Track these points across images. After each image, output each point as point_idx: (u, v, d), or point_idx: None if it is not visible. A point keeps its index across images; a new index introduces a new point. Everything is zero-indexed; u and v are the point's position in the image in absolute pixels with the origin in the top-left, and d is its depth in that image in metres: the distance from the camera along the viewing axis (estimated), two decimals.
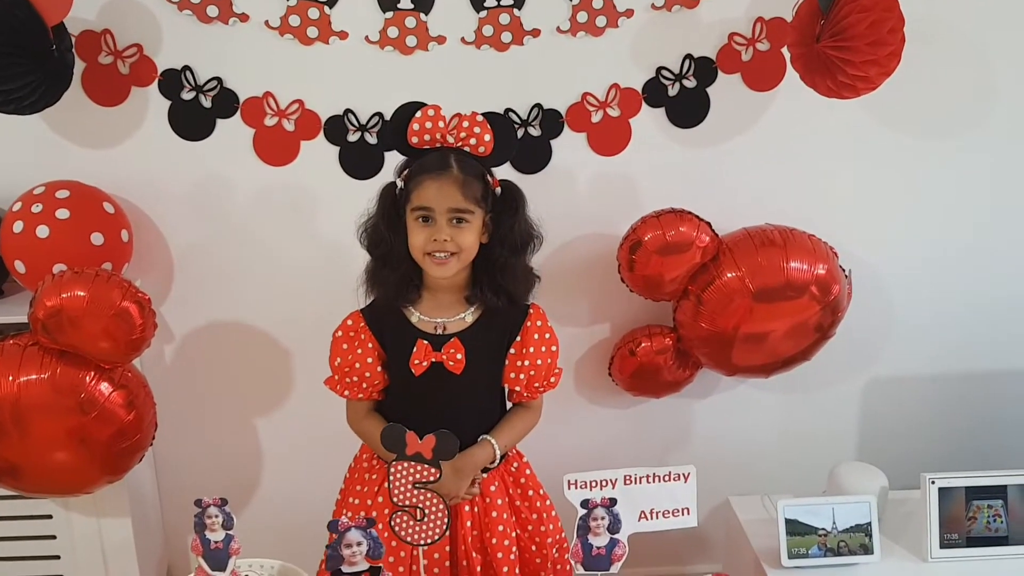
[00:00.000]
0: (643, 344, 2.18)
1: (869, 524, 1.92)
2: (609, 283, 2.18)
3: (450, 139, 1.69)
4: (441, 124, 1.68)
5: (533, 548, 1.87)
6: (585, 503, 1.45)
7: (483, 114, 1.70)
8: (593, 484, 1.47)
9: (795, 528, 1.92)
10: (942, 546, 1.95)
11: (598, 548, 1.45)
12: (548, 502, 1.90)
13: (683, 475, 1.49)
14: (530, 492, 1.88)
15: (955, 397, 2.37)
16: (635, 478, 1.47)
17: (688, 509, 1.51)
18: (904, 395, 2.38)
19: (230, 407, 2.31)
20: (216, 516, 1.35)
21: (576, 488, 1.47)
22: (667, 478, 1.49)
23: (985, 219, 2.25)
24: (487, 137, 1.69)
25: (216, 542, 1.35)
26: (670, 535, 2.37)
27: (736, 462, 2.38)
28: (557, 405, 2.28)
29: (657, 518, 1.50)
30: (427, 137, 1.69)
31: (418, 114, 1.69)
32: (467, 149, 1.70)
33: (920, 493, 1.96)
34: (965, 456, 2.22)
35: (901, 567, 1.95)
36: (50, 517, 2.15)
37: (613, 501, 1.45)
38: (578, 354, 2.33)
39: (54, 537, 2.16)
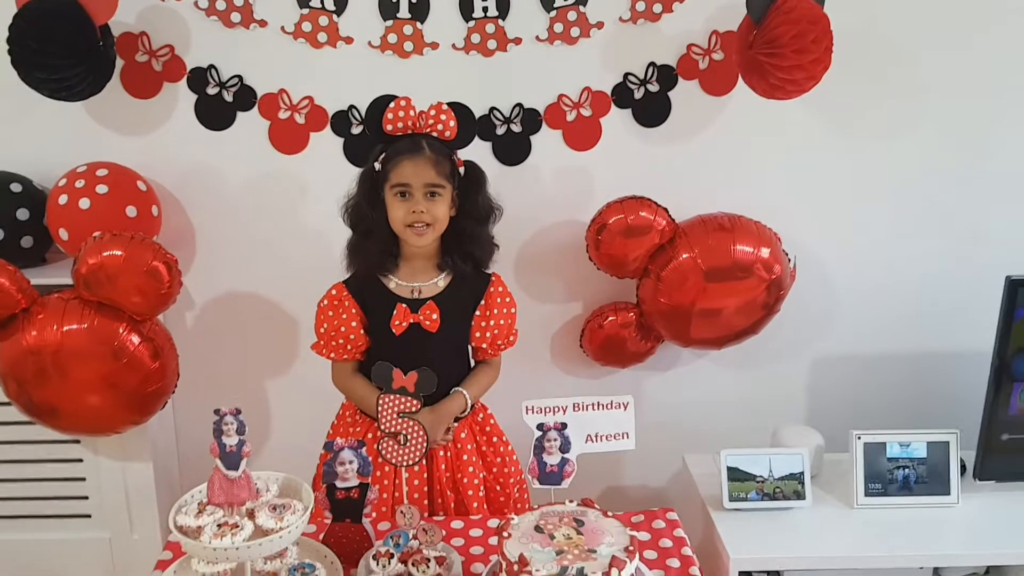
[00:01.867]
0: (610, 318, 2.44)
1: (802, 474, 2.16)
2: (581, 265, 2.42)
3: (420, 125, 1.96)
4: (412, 113, 1.95)
5: (497, 488, 2.13)
6: (540, 426, 1.70)
7: (447, 104, 1.96)
8: (547, 410, 1.71)
9: (736, 475, 2.16)
10: (866, 494, 2.19)
11: (551, 466, 1.70)
12: (510, 447, 2.16)
13: (623, 404, 1.74)
14: (494, 439, 2.15)
15: (889, 372, 2.61)
16: (583, 406, 1.72)
17: (627, 434, 1.75)
18: (845, 370, 2.62)
19: (242, 369, 2.56)
20: (231, 423, 1.59)
21: (532, 413, 1.71)
22: (609, 406, 1.73)
23: (916, 209, 2.49)
24: (452, 123, 1.97)
25: (231, 446, 1.59)
26: (636, 493, 2.63)
27: (693, 428, 2.62)
28: (535, 374, 2.56)
29: (601, 441, 1.74)
30: (400, 124, 1.95)
31: (391, 104, 1.95)
32: (435, 134, 1.96)
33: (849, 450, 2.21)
34: (898, 423, 2.44)
35: (830, 512, 2.18)
36: (80, 460, 2.41)
37: (564, 425, 1.70)
38: (553, 329, 2.59)
39: (83, 479, 2.42)
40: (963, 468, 2.23)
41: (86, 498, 2.44)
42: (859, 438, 2.19)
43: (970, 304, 2.47)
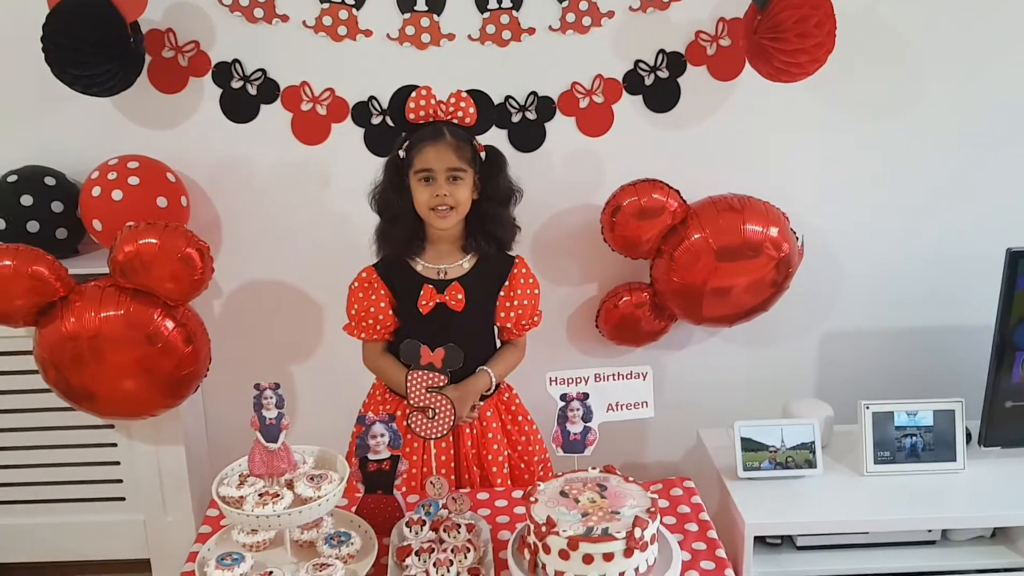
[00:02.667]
0: (624, 298, 2.52)
1: (813, 443, 2.24)
2: (596, 247, 2.50)
3: (441, 113, 2.03)
4: (433, 101, 2.02)
5: (522, 465, 2.21)
6: (563, 396, 1.77)
7: (466, 91, 2.03)
8: (570, 380, 1.78)
9: (749, 446, 2.24)
10: (875, 462, 2.26)
11: (574, 434, 1.78)
12: (535, 426, 2.24)
13: (642, 374, 1.81)
14: (519, 418, 2.22)
15: (896, 346, 2.69)
16: (603, 376, 1.79)
17: (646, 403, 1.82)
18: (853, 345, 2.70)
19: (269, 355, 2.64)
20: (271, 397, 1.67)
21: (556, 384, 1.78)
22: (629, 376, 1.80)
23: (921, 187, 2.56)
24: (472, 110, 2.04)
25: (270, 419, 1.67)
26: (653, 469, 2.70)
27: (707, 404, 2.69)
28: (552, 353, 2.63)
29: (621, 410, 1.81)
30: (422, 113, 2.02)
31: (413, 94, 2.02)
32: (455, 121, 2.04)
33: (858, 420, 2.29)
34: (905, 397, 2.50)
35: (840, 479, 2.26)
36: (115, 445, 2.49)
37: (586, 395, 1.77)
38: (570, 310, 2.67)
39: (118, 463, 2.51)
40: (968, 437, 2.31)
41: (120, 481, 2.53)
42: (867, 408, 2.27)
43: (974, 279, 2.54)
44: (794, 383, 2.71)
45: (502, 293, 2.12)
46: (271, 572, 1.62)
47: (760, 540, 2.20)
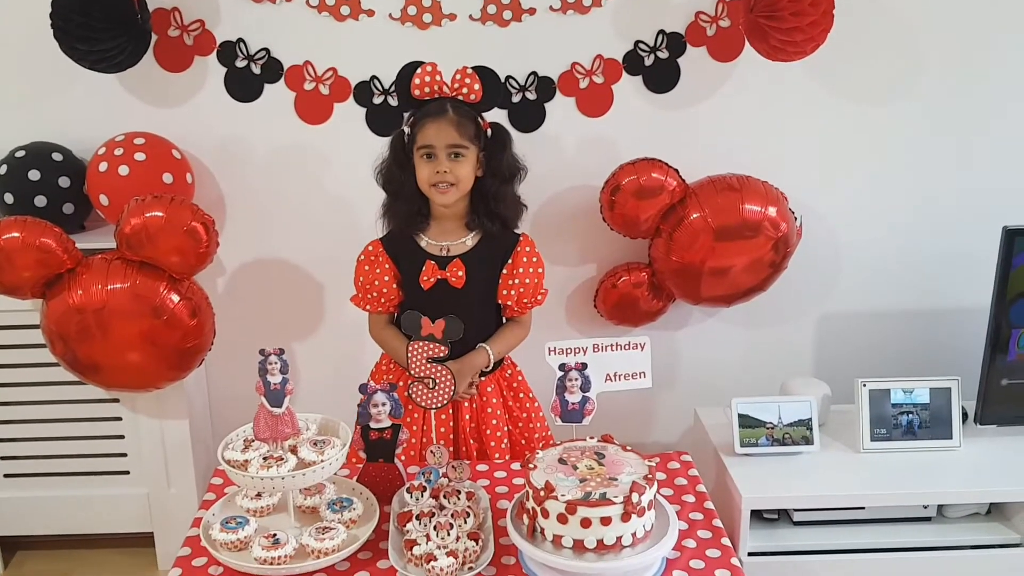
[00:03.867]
0: (623, 278, 2.54)
1: (810, 420, 2.26)
2: (595, 227, 2.52)
3: (446, 89, 2.05)
4: (438, 77, 2.04)
5: (523, 442, 2.23)
6: (562, 366, 1.80)
7: (472, 68, 2.05)
8: (568, 351, 1.82)
9: (746, 422, 2.26)
10: (872, 439, 2.29)
11: (573, 404, 1.81)
12: (536, 404, 2.26)
13: (639, 344, 1.84)
14: (521, 395, 2.25)
15: (893, 326, 2.71)
16: (602, 346, 1.82)
17: (644, 373, 1.85)
18: (850, 325, 2.72)
19: (271, 333, 2.65)
20: (275, 362, 1.69)
21: (555, 354, 1.82)
22: (627, 347, 1.83)
23: (918, 168, 2.58)
24: (476, 87, 2.05)
25: (275, 384, 1.70)
26: (649, 448, 2.72)
27: (704, 384, 2.72)
28: (550, 334, 2.61)
29: (619, 380, 1.84)
30: (427, 89, 2.04)
31: (418, 70, 2.04)
32: (460, 98, 2.06)
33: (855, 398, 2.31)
34: (903, 375, 2.53)
35: (837, 456, 2.29)
36: (119, 419, 2.52)
37: (584, 365, 1.80)
38: (569, 290, 2.69)
39: (122, 437, 2.54)
40: (964, 416, 2.33)
41: (125, 455, 2.56)
42: (864, 385, 2.29)
43: (971, 260, 2.56)
44: (792, 363, 2.73)
45: (505, 271, 2.13)
46: (275, 535, 1.65)
47: (757, 515, 2.22)
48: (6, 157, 2.37)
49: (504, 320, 2.23)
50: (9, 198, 2.34)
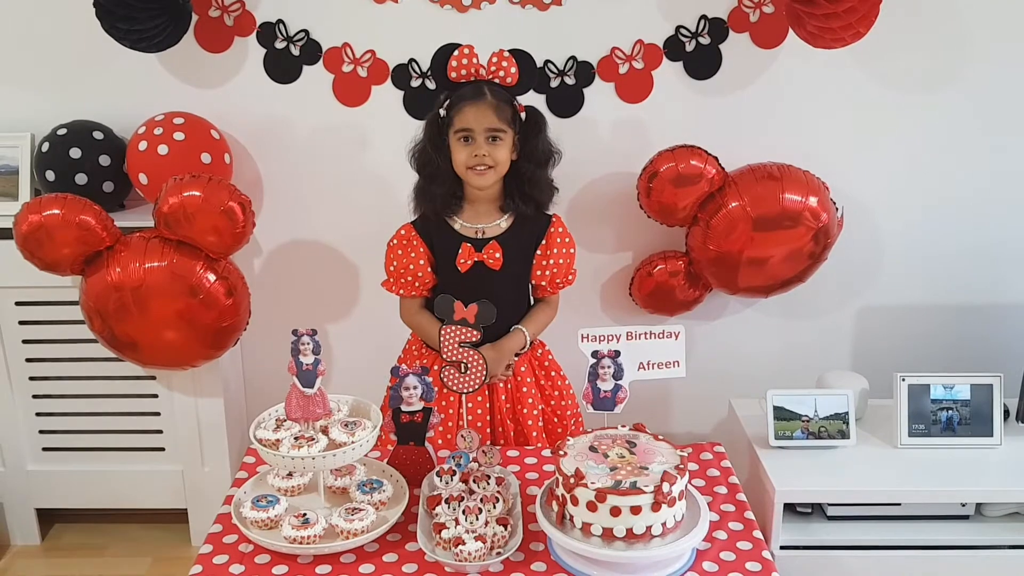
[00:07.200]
0: (659, 267, 2.52)
1: (847, 414, 2.22)
2: (632, 214, 2.51)
3: (483, 72, 2.04)
4: (475, 60, 2.03)
5: (555, 420, 2.23)
6: (595, 354, 1.78)
7: (508, 51, 2.04)
8: (601, 338, 1.79)
9: (782, 415, 2.23)
10: (910, 434, 2.24)
11: (605, 391, 1.79)
12: (567, 382, 2.26)
13: (674, 333, 1.82)
14: (552, 374, 2.25)
15: (934, 321, 2.66)
16: (635, 334, 1.80)
17: (678, 362, 1.83)
18: (890, 319, 2.67)
19: (307, 314, 2.67)
20: (308, 343, 1.70)
21: (588, 341, 1.80)
22: (661, 335, 1.81)
23: (964, 160, 2.53)
24: (513, 70, 2.04)
25: (307, 364, 1.71)
26: (682, 439, 2.70)
27: (740, 376, 2.69)
28: (585, 320, 2.60)
29: (652, 368, 1.82)
30: (464, 72, 2.04)
31: (455, 52, 2.04)
32: (496, 81, 2.05)
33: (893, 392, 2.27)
34: (944, 371, 2.48)
35: (874, 451, 2.24)
36: (156, 396, 2.55)
37: (617, 353, 1.78)
38: (604, 278, 2.67)
39: (158, 414, 2.57)
40: (1006, 414, 2.27)
41: (160, 432, 2.58)
42: (903, 380, 2.24)
43: (1016, 254, 2.51)
44: (829, 356, 2.70)
45: (539, 252, 2.14)
46: (304, 514, 1.66)
47: (790, 509, 2.19)
48: (48, 135, 2.40)
49: (532, 301, 2.22)
50: (50, 175, 2.37)
